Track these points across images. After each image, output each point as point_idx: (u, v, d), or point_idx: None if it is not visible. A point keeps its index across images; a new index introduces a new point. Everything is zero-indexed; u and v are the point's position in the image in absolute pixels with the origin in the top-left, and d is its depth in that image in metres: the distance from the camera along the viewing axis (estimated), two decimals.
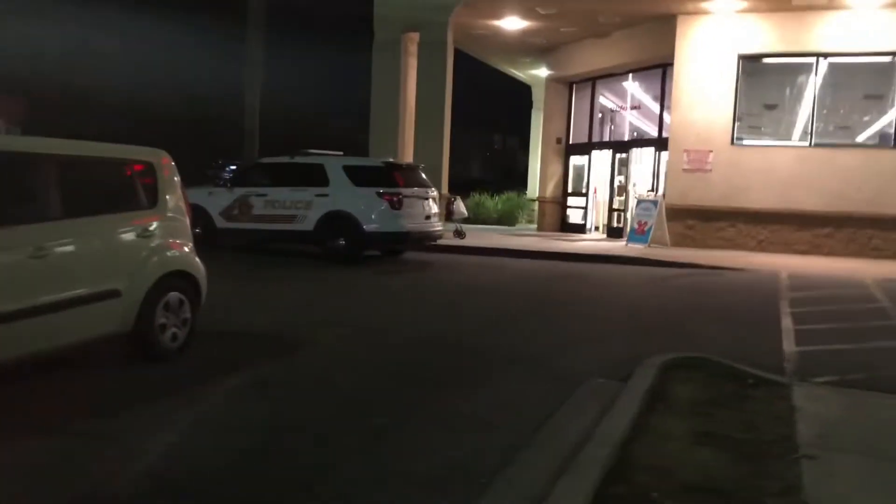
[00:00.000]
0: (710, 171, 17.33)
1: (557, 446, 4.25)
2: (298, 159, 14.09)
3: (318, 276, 12.01)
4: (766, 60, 17.35)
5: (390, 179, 13.23)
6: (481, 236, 19.15)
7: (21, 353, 4.82)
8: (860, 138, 16.97)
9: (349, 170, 13.36)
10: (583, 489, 3.55)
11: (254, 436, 4.50)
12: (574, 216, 22.92)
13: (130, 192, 5.76)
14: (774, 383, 5.96)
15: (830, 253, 16.48)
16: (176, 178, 6.22)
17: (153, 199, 5.91)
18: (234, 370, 5.86)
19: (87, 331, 5.27)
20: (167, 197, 6.04)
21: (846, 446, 4.55)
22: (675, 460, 4.14)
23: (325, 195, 13.22)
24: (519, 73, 27.70)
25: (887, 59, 16.30)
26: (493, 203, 27.40)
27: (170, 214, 6.04)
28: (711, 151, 17.31)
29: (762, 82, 17.61)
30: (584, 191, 22.58)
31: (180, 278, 6.03)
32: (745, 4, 16.44)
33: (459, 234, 17.83)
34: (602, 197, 21.80)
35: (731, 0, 16.29)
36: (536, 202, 24.84)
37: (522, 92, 30.07)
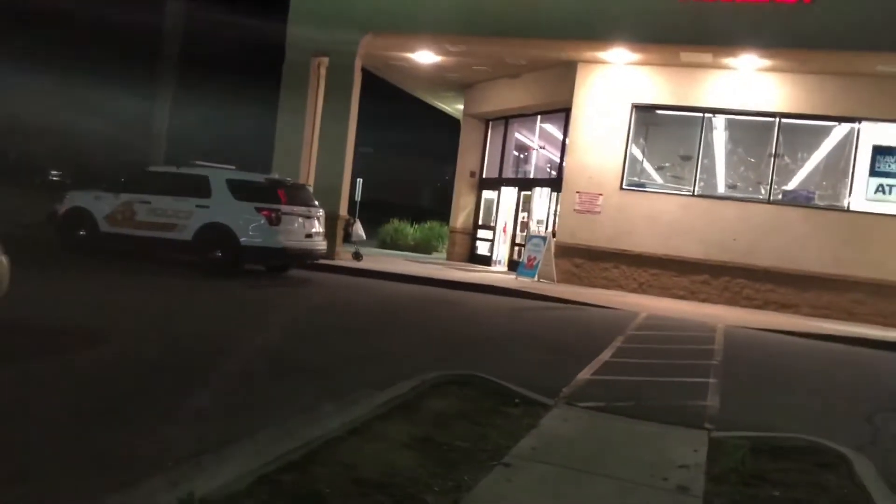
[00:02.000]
0: (600, 213, 18.03)
1: (260, 440, 4.56)
2: (184, 170, 14.33)
3: (181, 286, 12.18)
4: (659, 112, 18.21)
5: (272, 196, 13.54)
6: (382, 261, 19.54)
7: None
8: (739, 192, 17.87)
9: (232, 183, 13.64)
10: (245, 474, 3.87)
11: None
12: (482, 248, 23.51)
13: None
14: (537, 403, 6.38)
15: (706, 300, 17.24)
16: None
17: None
18: (19, 361, 6.09)
19: None
20: None
21: (548, 458, 4.93)
22: (367, 459, 4.46)
23: (206, 206, 13.46)
24: (446, 107, 28.37)
25: (768, 118, 17.28)
26: (411, 231, 27.89)
27: None
28: (601, 195, 18.03)
29: (653, 132, 18.49)
30: (492, 224, 23.20)
31: None
32: (637, 57, 17.29)
33: (357, 256, 18.16)
34: (509, 231, 22.43)
35: (624, 52, 17.11)
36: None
37: None
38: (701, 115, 17.63)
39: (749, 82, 17.05)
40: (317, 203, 14.90)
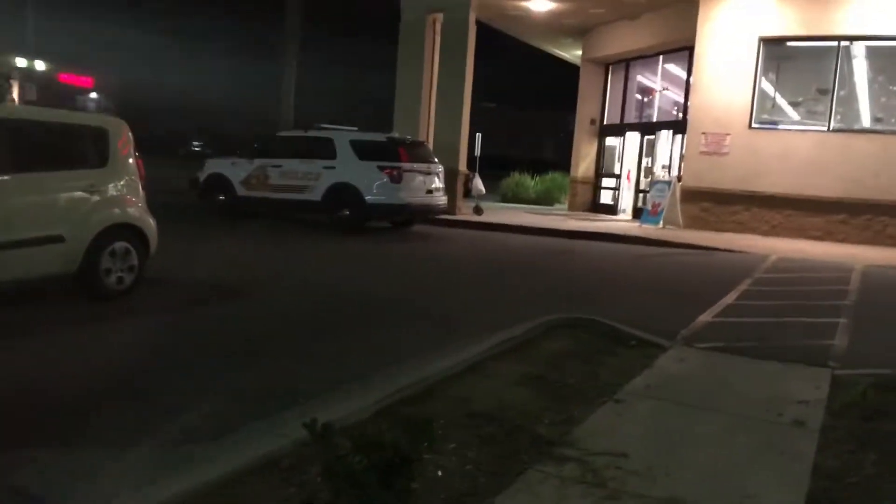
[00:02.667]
0: (727, 154, 17.36)
1: (381, 378, 4.89)
2: (311, 133, 14.97)
3: (313, 242, 12.83)
4: (789, 44, 17.20)
5: (393, 154, 13.94)
6: (502, 214, 19.68)
7: None
8: (881, 125, 16.69)
9: (355, 144, 14.14)
10: (367, 406, 4.20)
11: (131, 358, 5.32)
12: (605, 197, 23.18)
13: (81, 154, 6.64)
14: (654, 345, 6.41)
15: (845, 240, 16.35)
16: (130, 145, 7.07)
17: (104, 161, 6.78)
18: (158, 311, 6.74)
19: (33, 269, 6.19)
20: (118, 159, 6.90)
21: (660, 395, 5.01)
22: (480, 395, 4.70)
23: (332, 167, 14.04)
24: (564, 54, 27.83)
25: None
26: (532, 183, 27.80)
27: (120, 174, 6.90)
28: (729, 135, 17.32)
29: (783, 66, 17.49)
30: (615, 172, 22.79)
31: (127, 230, 6.90)
32: None
33: (477, 210, 18.40)
34: (632, 178, 21.98)
35: None
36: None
37: None
38: (836, 43, 16.50)
39: (890, 3, 15.77)
40: (436, 160, 15.20)
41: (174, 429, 4.03)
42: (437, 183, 14.79)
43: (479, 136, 21.62)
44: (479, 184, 18.71)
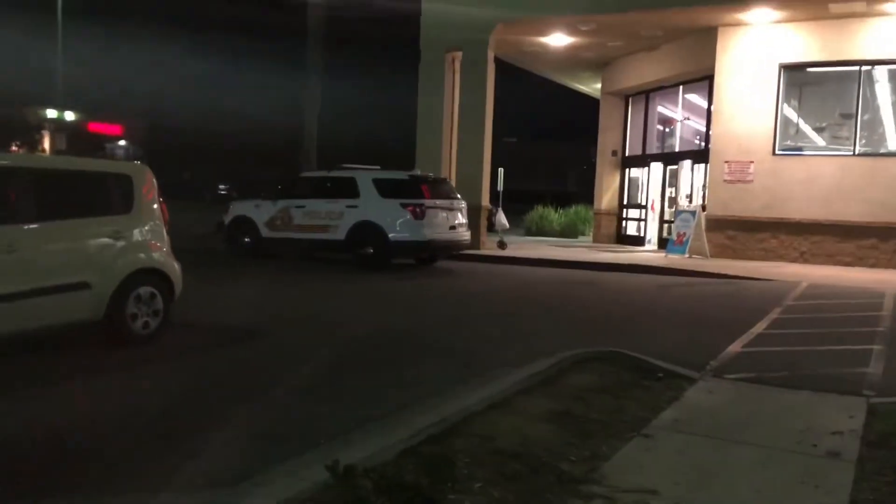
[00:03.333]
0: (752, 181, 17.23)
1: (404, 416, 4.85)
2: (334, 173, 15.11)
3: (337, 281, 12.86)
4: (810, 70, 17.14)
5: (415, 191, 14.02)
6: (526, 247, 19.66)
7: (1, 332, 5.85)
8: None
9: (378, 182, 14.25)
10: (389, 446, 4.15)
11: (154, 403, 5.33)
12: (629, 228, 23.08)
13: (105, 200, 6.74)
14: (682, 377, 6.31)
15: (875, 265, 16.09)
16: (154, 190, 7.17)
17: (128, 207, 6.88)
18: (184, 355, 6.77)
19: (60, 316, 6.26)
20: (143, 205, 7.00)
21: (690, 429, 4.91)
22: (504, 432, 4.63)
23: (356, 206, 14.15)
24: (584, 88, 27.99)
25: None
26: (556, 216, 27.77)
27: (144, 219, 6.99)
28: (752, 162, 17.22)
29: (805, 91, 17.43)
30: (639, 202, 22.71)
31: (153, 275, 6.96)
32: (782, 14, 16.37)
33: (501, 244, 18.39)
34: (657, 208, 21.87)
35: (768, 11, 16.25)
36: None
37: None
38: (857, 68, 16.42)
39: None
40: (459, 195, 15.25)
41: (197, 473, 4.01)
42: (461, 218, 14.82)
43: (501, 170, 21.68)
44: (502, 218, 18.72)
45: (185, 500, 3.66)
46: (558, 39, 19.47)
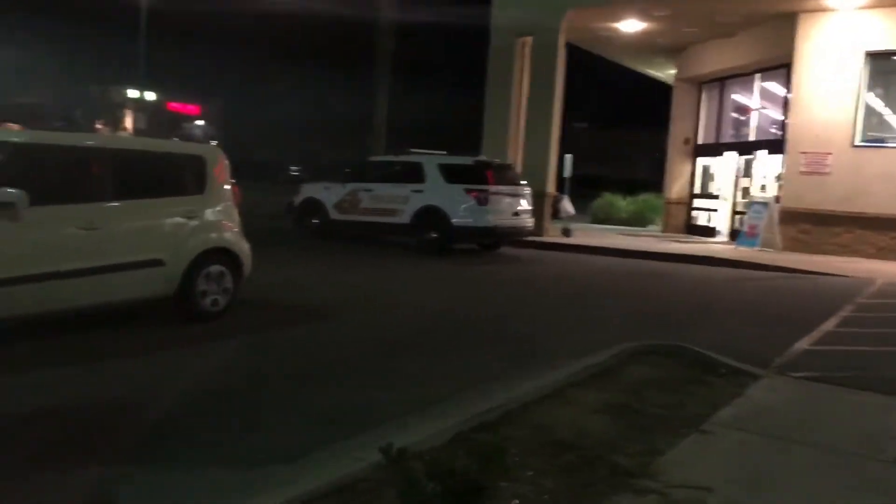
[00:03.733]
0: (829, 173, 16.65)
1: (460, 402, 4.90)
2: (401, 158, 15.26)
3: (401, 265, 12.99)
4: None
5: (480, 177, 14.03)
6: (592, 236, 19.45)
7: (79, 305, 6.15)
8: None
9: (443, 168, 14.31)
10: (443, 431, 4.22)
11: (220, 379, 5.52)
12: (700, 218, 22.59)
13: (179, 181, 6.98)
14: (745, 373, 6.19)
15: None
16: (226, 172, 7.39)
17: (201, 187, 7.11)
18: (250, 331, 6.98)
19: (135, 291, 6.54)
20: (215, 186, 7.22)
21: (749, 427, 4.82)
22: (559, 422, 4.64)
23: (421, 191, 14.26)
24: (657, 74, 27.42)
25: None
26: (624, 204, 27.38)
27: (216, 200, 7.22)
28: (830, 153, 16.62)
29: (891, 80, 16.68)
30: (710, 192, 22.20)
31: (223, 254, 7.20)
32: (869, 0, 15.69)
33: (566, 232, 18.25)
34: (728, 199, 21.34)
35: None
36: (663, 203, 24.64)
37: None
38: None
39: None
40: (523, 182, 15.20)
41: (257, 449, 4.16)
42: (524, 205, 14.78)
43: (568, 157, 21.49)
44: (567, 205, 18.56)
45: (245, 474, 3.80)
46: (631, 25, 19.11)
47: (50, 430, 4.39)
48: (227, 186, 7.38)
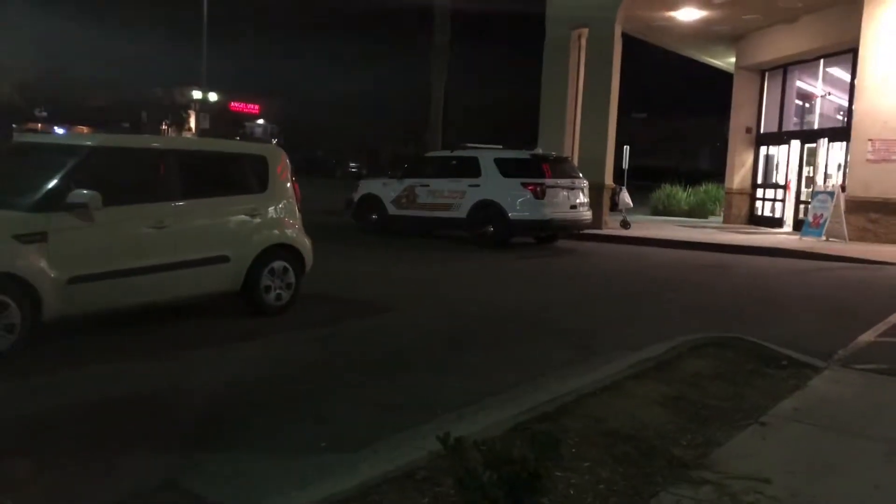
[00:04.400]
0: None
1: (518, 393, 4.98)
2: (457, 153, 15.35)
3: (459, 259, 13.08)
4: None
5: (536, 170, 14.04)
6: (651, 227, 19.26)
7: (150, 300, 6.43)
8: None
9: (499, 162, 14.36)
10: (501, 421, 4.31)
11: (284, 370, 5.71)
12: (763, 208, 22.13)
13: (243, 180, 7.21)
14: (807, 366, 6.11)
15: None
16: (287, 170, 7.60)
17: (264, 186, 7.33)
18: (313, 325, 7.18)
19: (203, 287, 6.79)
20: (277, 184, 7.43)
21: (809, 419, 4.78)
22: (616, 414, 4.67)
23: (477, 185, 14.33)
24: (717, 62, 26.90)
25: None
26: (684, 195, 26.96)
27: (278, 198, 7.43)
28: None
29: None
30: (774, 182, 21.71)
31: (285, 250, 7.41)
32: None
33: (624, 224, 18.10)
34: (793, 188, 20.85)
35: None
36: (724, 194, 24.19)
37: None
38: None
39: None
40: (580, 174, 15.14)
41: (320, 437, 4.31)
42: (582, 198, 14.72)
43: (626, 148, 21.29)
44: (626, 197, 18.39)
45: (308, 462, 3.96)
46: (689, 14, 18.82)
47: (124, 418, 4.63)
48: (289, 184, 7.58)
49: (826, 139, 19.32)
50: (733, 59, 23.50)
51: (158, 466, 3.92)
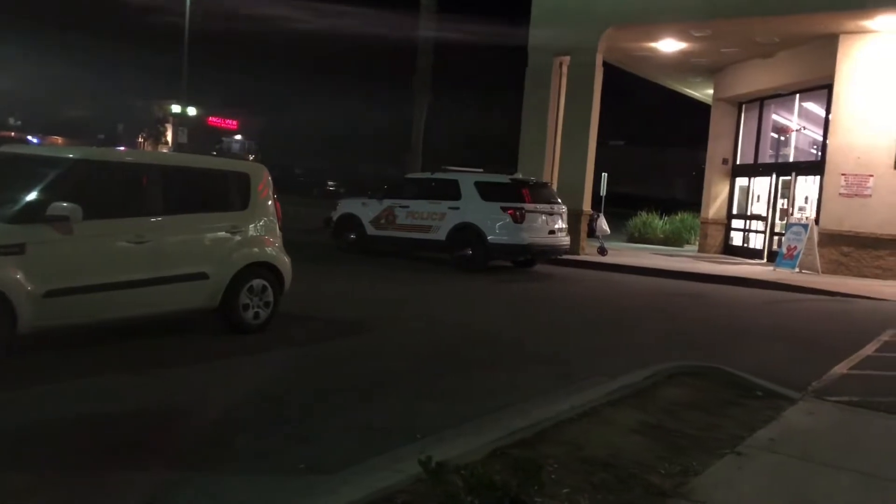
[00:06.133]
0: (870, 196, 16.44)
1: (496, 419, 4.98)
2: (438, 175, 15.40)
3: (437, 281, 13.06)
4: None
5: (516, 195, 14.12)
6: (627, 255, 19.42)
7: (128, 315, 6.37)
8: None
9: (480, 185, 14.43)
10: (480, 446, 4.30)
11: (264, 390, 5.67)
12: (738, 239, 22.42)
13: (225, 197, 7.19)
14: (781, 396, 6.19)
15: None
16: (269, 188, 7.58)
17: (245, 203, 7.30)
18: (291, 345, 7.14)
19: (180, 303, 6.74)
20: (258, 202, 7.41)
21: (785, 450, 4.83)
22: (594, 441, 4.69)
23: (457, 208, 14.38)
24: (696, 93, 27.33)
25: None
26: (660, 223, 27.23)
27: (259, 216, 7.40)
28: (872, 176, 16.43)
29: None
30: (748, 213, 22.02)
31: (265, 268, 7.37)
32: None
33: (601, 250, 18.23)
34: (767, 220, 21.14)
35: (895, 19, 15.46)
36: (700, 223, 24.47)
37: None
38: None
39: None
40: (559, 200, 15.26)
41: (298, 459, 4.28)
42: (560, 223, 14.83)
43: (604, 175, 21.49)
44: (603, 224, 18.55)
45: (288, 483, 3.92)
46: (669, 45, 19.12)
47: (103, 435, 4.56)
48: (270, 202, 7.57)
49: (799, 172, 19.66)
50: (711, 91, 23.89)
51: (138, 487, 3.86)
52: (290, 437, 4.65)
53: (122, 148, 6.52)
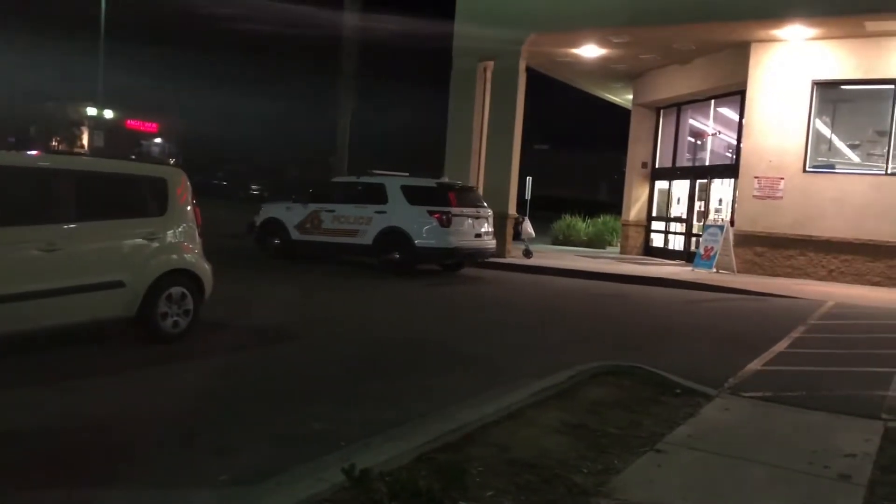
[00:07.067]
0: (782, 198, 17.13)
1: (422, 423, 4.97)
2: (364, 179, 15.33)
3: (363, 286, 13.01)
4: (844, 88, 17.03)
5: (443, 199, 14.17)
6: (552, 257, 19.71)
7: (40, 326, 6.11)
8: None
9: (406, 189, 14.42)
10: (405, 452, 4.29)
11: (182, 400, 5.52)
12: (657, 240, 23.02)
13: (141, 202, 6.98)
14: (699, 394, 6.36)
15: None
16: (188, 193, 7.40)
17: (163, 209, 7.11)
18: (212, 354, 6.97)
19: (95, 312, 6.51)
20: (176, 207, 7.22)
21: (702, 446, 4.96)
22: (519, 442, 4.73)
23: (384, 212, 14.34)
24: (616, 98, 27.98)
25: None
26: (583, 226, 27.74)
27: (178, 221, 7.22)
28: (783, 178, 17.12)
29: (838, 108, 17.31)
30: (667, 215, 22.65)
31: (184, 275, 7.19)
32: (816, 32, 16.26)
33: (527, 253, 18.46)
34: (684, 221, 21.80)
35: (802, 28, 16.15)
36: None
37: None
38: (893, 87, 16.26)
39: None
40: (485, 204, 15.39)
41: (220, 470, 4.17)
42: (487, 227, 14.95)
43: (529, 179, 21.80)
44: (528, 227, 18.79)
45: (208, 496, 3.82)
46: (590, 51, 19.51)
47: (6, 452, 4.35)
48: (189, 208, 7.38)
49: (715, 175, 20.34)
50: (631, 96, 24.50)
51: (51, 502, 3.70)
52: (209, 448, 4.54)
53: (33, 152, 6.19)
